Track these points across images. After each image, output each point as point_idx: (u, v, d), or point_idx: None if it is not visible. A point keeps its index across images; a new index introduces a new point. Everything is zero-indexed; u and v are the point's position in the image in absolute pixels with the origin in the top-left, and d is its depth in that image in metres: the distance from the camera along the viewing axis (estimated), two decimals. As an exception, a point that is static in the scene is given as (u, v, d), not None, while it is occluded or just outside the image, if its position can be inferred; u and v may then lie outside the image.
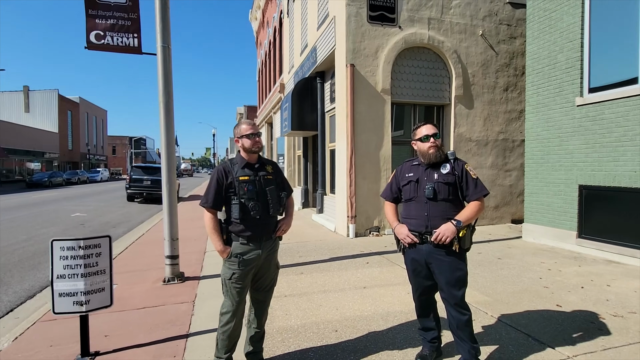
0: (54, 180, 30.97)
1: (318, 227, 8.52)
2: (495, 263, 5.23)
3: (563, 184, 6.30)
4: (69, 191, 24.50)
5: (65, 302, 2.79)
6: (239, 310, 2.42)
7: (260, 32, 21.22)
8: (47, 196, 19.97)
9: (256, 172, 2.44)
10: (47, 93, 43.37)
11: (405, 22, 7.70)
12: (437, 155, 2.42)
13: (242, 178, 2.38)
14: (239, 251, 2.37)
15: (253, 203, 2.35)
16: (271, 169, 2.53)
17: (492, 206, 8.57)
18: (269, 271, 2.53)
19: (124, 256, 6.19)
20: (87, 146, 51.48)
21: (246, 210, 2.34)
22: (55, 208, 14.09)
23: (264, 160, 2.55)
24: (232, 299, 2.39)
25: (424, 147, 2.44)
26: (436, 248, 2.35)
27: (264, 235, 2.42)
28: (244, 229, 2.36)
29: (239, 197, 2.35)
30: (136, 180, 15.86)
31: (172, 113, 4.49)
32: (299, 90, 9.92)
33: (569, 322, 3.20)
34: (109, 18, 4.32)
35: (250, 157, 2.47)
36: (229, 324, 2.39)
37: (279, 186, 2.54)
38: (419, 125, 2.50)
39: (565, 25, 6.24)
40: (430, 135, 2.42)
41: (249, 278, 2.43)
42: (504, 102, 8.63)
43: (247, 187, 2.36)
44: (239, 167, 2.43)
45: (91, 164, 52.09)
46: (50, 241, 2.81)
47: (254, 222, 2.36)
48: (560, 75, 6.36)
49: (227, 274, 2.39)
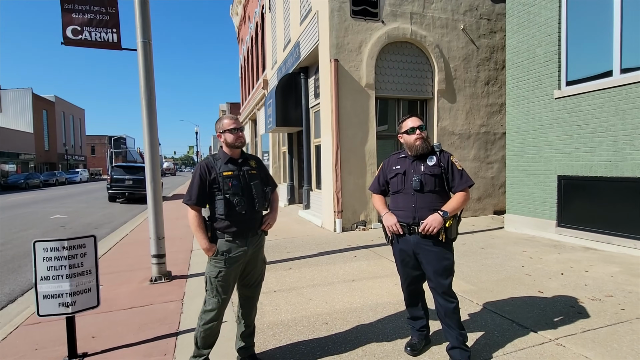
0: (31, 182, 29.98)
1: (305, 223, 8.54)
2: (480, 253, 5.36)
3: (543, 175, 6.49)
4: (47, 193, 23.74)
5: (50, 304, 2.72)
6: (223, 307, 2.38)
7: (242, 28, 20.94)
8: (24, 198, 19.30)
9: (240, 167, 2.41)
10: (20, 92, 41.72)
11: (388, 16, 7.74)
12: (424, 146, 2.46)
13: (226, 173, 2.34)
14: (225, 249, 2.33)
15: (238, 198, 2.31)
16: (255, 163, 2.50)
17: (475, 198, 8.76)
18: (256, 267, 2.51)
19: (108, 257, 6.06)
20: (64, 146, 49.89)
21: (231, 205, 2.31)
22: (34, 210, 13.65)
23: (247, 156, 2.51)
24: (218, 297, 2.35)
25: (410, 139, 2.47)
26: (423, 239, 2.39)
27: (249, 231, 2.39)
28: (229, 225, 2.32)
29: (224, 193, 2.31)
30: (118, 180, 15.50)
31: (154, 110, 4.41)
32: (283, 86, 9.87)
33: (551, 307, 3.32)
34: (86, 12, 4.18)
35: (233, 152, 2.44)
36: (212, 322, 2.35)
37: (264, 181, 2.52)
38: (405, 118, 2.54)
39: (543, 20, 6.40)
40: (416, 127, 2.45)
41: (235, 276, 2.41)
42: (485, 95, 8.80)
43: (232, 182, 2.33)
44: (222, 163, 2.39)
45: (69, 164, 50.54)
46: (33, 242, 2.73)
47: (240, 217, 2.33)
48: (539, 69, 6.53)
49: (212, 272, 2.35)
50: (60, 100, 48.97)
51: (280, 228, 7.96)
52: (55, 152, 47.06)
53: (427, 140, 2.48)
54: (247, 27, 18.98)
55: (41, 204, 15.96)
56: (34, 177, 31.27)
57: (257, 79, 16.14)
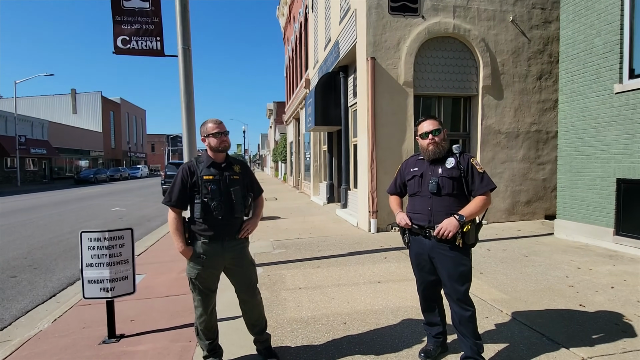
0: (99, 177, 33.16)
1: (341, 222, 8.56)
2: (520, 260, 5.03)
3: (599, 178, 5.92)
4: (111, 187, 26.10)
5: (93, 289, 3.04)
6: (209, 304, 2.44)
7: (287, 29, 21.38)
8: (91, 192, 21.40)
9: (222, 171, 2.41)
10: (92, 95, 46.24)
11: (429, 11, 7.49)
12: (436, 151, 2.39)
13: (206, 177, 2.35)
14: (201, 251, 2.36)
15: (216, 203, 2.31)
16: (239, 169, 2.49)
17: (523, 201, 8.21)
18: (241, 270, 2.49)
19: (155, 248, 6.55)
20: (128, 144, 54.46)
21: (208, 210, 2.32)
22: (99, 203, 15.10)
23: (231, 160, 2.51)
24: (201, 295, 2.41)
25: (423, 143, 2.42)
26: (439, 243, 2.32)
27: (226, 235, 2.38)
28: (206, 229, 2.34)
29: (202, 197, 2.32)
30: (171, 176, 16.62)
31: (193, 111, 4.69)
32: (323, 85, 9.95)
33: (590, 322, 3.05)
34: (134, 23, 4.57)
35: (217, 156, 2.43)
36: (202, 317, 2.44)
37: (247, 186, 2.52)
38: (421, 120, 2.47)
39: (603, 7, 5.82)
40: (429, 132, 2.39)
41: (215, 276, 2.45)
42: (537, 91, 8.20)
43: (211, 186, 2.33)
44: (205, 166, 2.39)
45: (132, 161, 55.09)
46: (80, 233, 3.06)
47: (216, 222, 2.33)
48: (597, 61, 5.95)
49: (192, 274, 2.39)
50: (125, 102, 53.48)
51: (315, 226, 8.06)
52: (120, 149, 51.54)
53: (440, 144, 2.39)
54: (292, 27, 19.35)
55: (105, 197, 17.61)
56: (101, 173, 34.56)
57: (300, 78, 16.41)
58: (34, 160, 33.09)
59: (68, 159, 39.07)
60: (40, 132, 34.16)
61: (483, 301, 3.55)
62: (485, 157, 7.90)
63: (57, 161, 36.97)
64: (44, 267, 5.67)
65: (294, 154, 20.01)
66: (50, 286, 4.83)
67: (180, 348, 2.86)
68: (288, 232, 7.39)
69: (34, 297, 4.42)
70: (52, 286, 4.84)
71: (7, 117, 30.10)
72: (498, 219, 8.03)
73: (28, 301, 4.30)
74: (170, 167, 17.18)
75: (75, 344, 3.00)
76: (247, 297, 2.54)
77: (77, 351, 2.89)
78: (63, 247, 7.02)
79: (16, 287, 4.76)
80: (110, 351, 2.86)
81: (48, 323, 3.48)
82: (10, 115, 29.81)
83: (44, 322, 3.54)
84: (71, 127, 40.41)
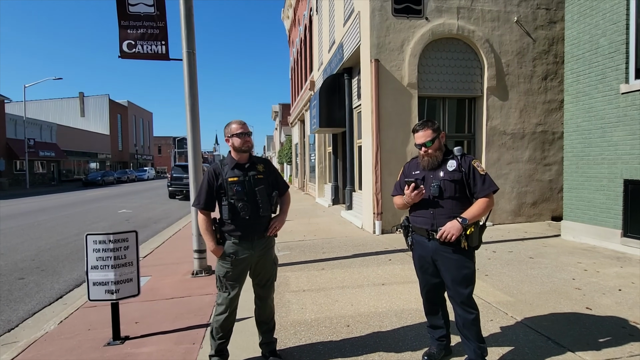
0: (107, 179, 33.48)
1: (346, 224, 8.55)
2: (526, 262, 4.99)
3: (606, 179, 5.85)
4: (118, 189, 26.33)
5: (98, 291, 3.06)
6: (233, 303, 2.50)
7: (292, 31, 21.45)
8: (99, 194, 21.61)
9: (246, 172, 2.45)
10: (99, 98, 46.79)
11: (433, 12, 7.47)
12: (430, 162, 2.40)
13: (230, 179, 2.40)
14: (232, 251, 2.42)
15: (242, 204, 2.37)
16: (262, 168, 2.53)
17: (529, 202, 8.13)
18: (265, 268, 2.56)
19: (161, 250, 6.60)
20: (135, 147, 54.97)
21: (235, 211, 2.38)
22: (106, 205, 15.24)
23: (254, 160, 2.54)
24: (227, 293, 2.47)
25: (419, 153, 2.45)
26: (442, 245, 2.31)
27: (255, 235, 2.45)
28: (234, 229, 2.41)
29: (228, 198, 2.39)
30: (176, 178, 16.74)
31: (197, 115, 4.72)
32: (327, 87, 9.97)
33: (597, 325, 3.01)
34: (139, 28, 4.62)
35: (241, 156, 2.48)
36: (222, 314, 2.47)
37: (272, 185, 2.56)
38: (416, 127, 2.47)
39: (608, 7, 5.77)
40: (422, 144, 2.39)
41: (243, 276, 2.51)
42: (543, 92, 8.13)
43: (236, 188, 2.38)
44: (229, 168, 2.45)
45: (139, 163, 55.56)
46: (85, 235, 3.09)
47: (244, 222, 2.40)
48: (602, 61, 5.90)
49: (221, 272, 2.46)
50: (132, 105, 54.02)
51: (320, 228, 8.07)
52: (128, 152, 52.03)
53: (434, 155, 2.39)
54: (296, 30, 19.41)
55: (112, 199, 17.77)
56: (108, 175, 34.88)
57: (305, 80, 16.45)
58: (42, 162, 33.54)
59: (76, 161, 39.54)
60: (48, 135, 34.62)
61: (488, 304, 3.52)
62: (491, 158, 7.85)
63: (65, 164, 37.44)
64: (51, 269, 5.74)
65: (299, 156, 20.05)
66: (57, 288, 4.89)
67: (184, 350, 2.88)
68: (293, 234, 7.40)
69: (41, 299, 4.48)
70: (59, 288, 4.89)
71: (16, 120, 30.57)
72: (504, 220, 7.96)
73: (35, 303, 4.36)
74: (177, 169, 17.29)
75: (81, 346, 3.03)
76: (264, 293, 2.59)
77: (82, 353, 2.92)
78: (70, 249, 7.09)
79: (24, 289, 4.82)
80: (115, 353, 2.88)
81: (54, 325, 3.52)
82: (20, 119, 30.28)
83: (50, 323, 3.58)
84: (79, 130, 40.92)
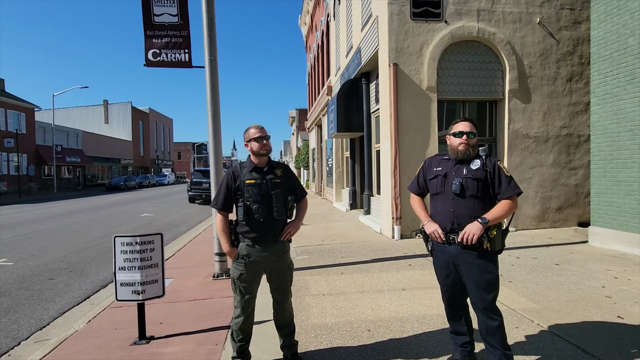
0: (129, 184, 34.46)
1: (364, 229, 8.51)
2: (552, 269, 4.84)
3: (637, 183, 5.63)
4: (140, 194, 27.04)
5: (125, 291, 3.16)
6: (248, 306, 2.52)
7: (309, 37, 21.65)
8: (122, 198, 22.25)
9: (264, 175, 2.49)
10: (122, 105, 48.32)
11: (452, 15, 7.41)
12: (466, 153, 2.34)
13: (248, 182, 2.45)
14: (245, 252, 2.47)
15: (257, 206, 2.42)
16: (280, 172, 2.56)
17: (554, 208, 7.90)
18: (280, 272, 2.57)
19: (182, 253, 6.74)
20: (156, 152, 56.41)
21: (250, 212, 2.43)
22: (129, 209, 15.69)
23: (273, 164, 2.59)
24: (241, 296, 2.49)
25: (455, 142, 2.37)
26: (464, 249, 2.27)
27: (269, 238, 2.47)
28: (249, 231, 2.45)
29: (245, 200, 2.44)
30: (196, 183, 17.07)
31: (219, 120, 4.83)
32: (345, 92, 10.00)
33: (630, 335, 2.89)
34: (164, 37, 4.78)
35: (259, 160, 2.53)
36: (239, 317, 2.50)
37: (289, 190, 2.59)
38: (458, 120, 2.43)
39: (636, 5, 5.59)
40: (465, 132, 2.34)
41: (257, 279, 2.53)
42: (567, 94, 7.92)
43: (252, 190, 2.44)
44: (247, 171, 2.50)
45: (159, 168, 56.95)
46: (113, 237, 3.20)
47: (258, 224, 2.43)
48: (632, 61, 5.71)
49: (235, 274, 2.50)
50: (153, 112, 55.53)
51: (339, 233, 8.06)
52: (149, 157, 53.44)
53: (472, 147, 2.35)
54: (314, 35, 19.59)
55: (135, 204, 18.27)
56: (131, 180, 35.90)
57: (322, 85, 16.54)
58: (69, 168, 34.85)
59: (100, 167, 40.89)
60: (75, 141, 35.99)
61: (512, 311, 3.44)
62: (513, 162, 7.68)
63: (90, 169, 38.77)
64: (79, 270, 5.94)
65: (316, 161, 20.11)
66: (85, 288, 5.06)
67: (208, 351, 2.93)
68: (311, 238, 7.42)
69: (70, 299, 4.64)
70: (87, 288, 5.06)
71: (45, 127, 31.95)
72: (527, 225, 7.75)
73: (64, 302, 4.52)
74: (196, 174, 17.63)
75: (109, 345, 3.13)
76: (281, 297, 2.61)
77: (110, 351, 3.01)
78: (96, 251, 7.33)
79: (54, 289, 5.01)
80: (141, 352, 2.96)
81: (83, 324, 3.65)
82: (48, 126, 31.63)
83: (79, 322, 3.71)
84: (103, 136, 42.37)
